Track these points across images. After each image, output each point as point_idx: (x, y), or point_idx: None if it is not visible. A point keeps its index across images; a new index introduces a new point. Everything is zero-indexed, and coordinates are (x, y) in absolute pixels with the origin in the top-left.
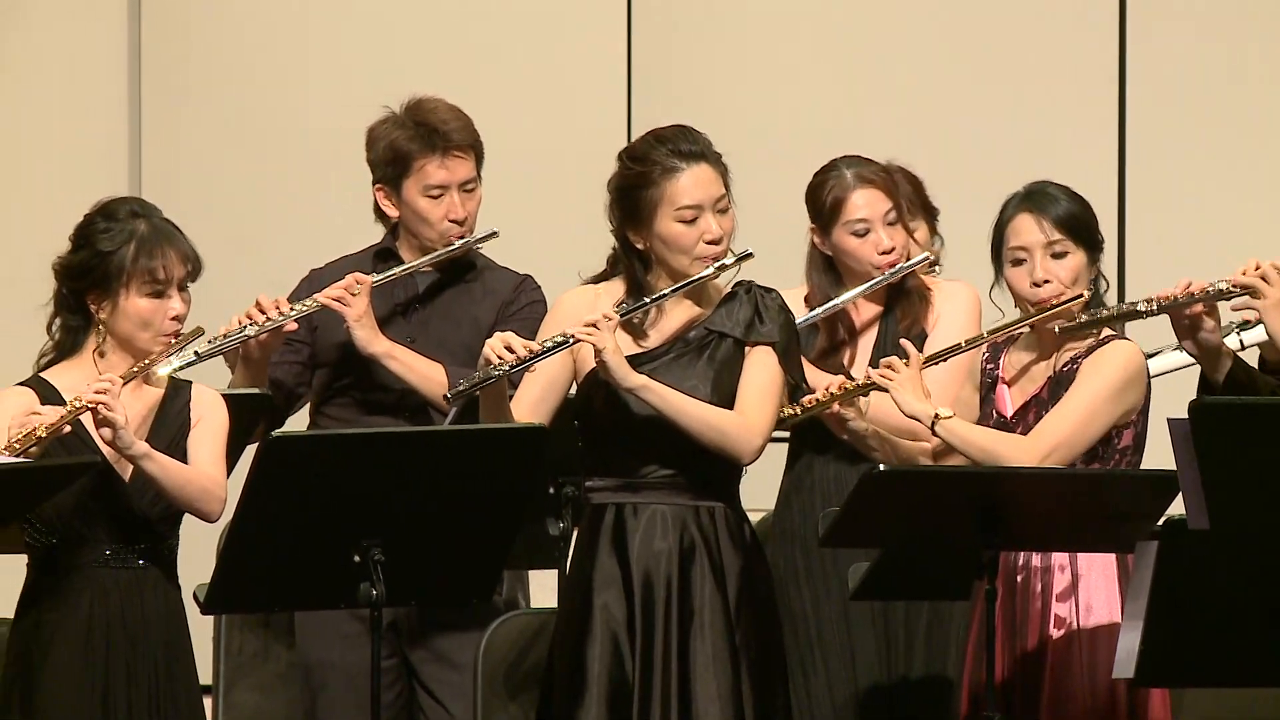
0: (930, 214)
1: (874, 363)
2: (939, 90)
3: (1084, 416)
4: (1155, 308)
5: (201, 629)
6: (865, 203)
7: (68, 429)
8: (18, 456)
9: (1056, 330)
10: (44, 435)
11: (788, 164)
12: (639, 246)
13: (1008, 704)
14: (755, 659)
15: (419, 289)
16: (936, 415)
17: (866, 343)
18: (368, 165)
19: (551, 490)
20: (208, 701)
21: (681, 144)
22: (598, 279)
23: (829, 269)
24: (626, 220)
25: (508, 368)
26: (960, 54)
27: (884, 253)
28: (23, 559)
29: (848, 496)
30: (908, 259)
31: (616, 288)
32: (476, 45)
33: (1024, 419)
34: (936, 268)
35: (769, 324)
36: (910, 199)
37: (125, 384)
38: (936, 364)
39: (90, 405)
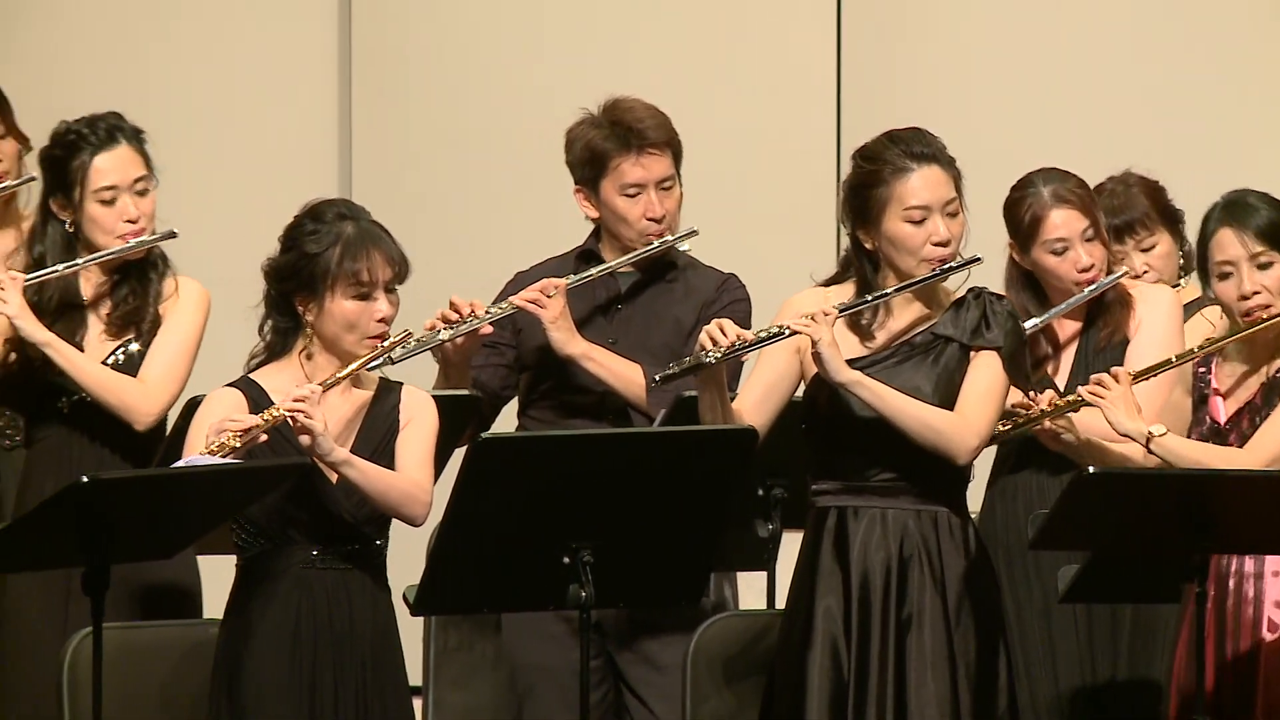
0: (1173, 220)
1: (1076, 374)
2: (1148, 94)
3: None
4: None
5: (411, 630)
6: (1063, 221)
7: (263, 437)
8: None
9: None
10: (238, 445)
11: (1003, 169)
12: (868, 246)
13: (1217, 708)
14: (974, 664)
15: (620, 289)
16: (1150, 434)
17: (1069, 356)
18: (567, 167)
19: (761, 492)
20: (417, 702)
21: (914, 145)
22: (830, 281)
23: (1029, 284)
24: (857, 219)
25: (720, 354)
26: (1169, 57)
27: (1083, 270)
28: (232, 561)
29: (1058, 499)
30: (1108, 273)
31: (847, 290)
32: (686, 46)
33: (1237, 425)
34: (1181, 281)
35: (995, 330)
36: (1147, 213)
37: (327, 390)
38: (1147, 379)
39: (289, 414)
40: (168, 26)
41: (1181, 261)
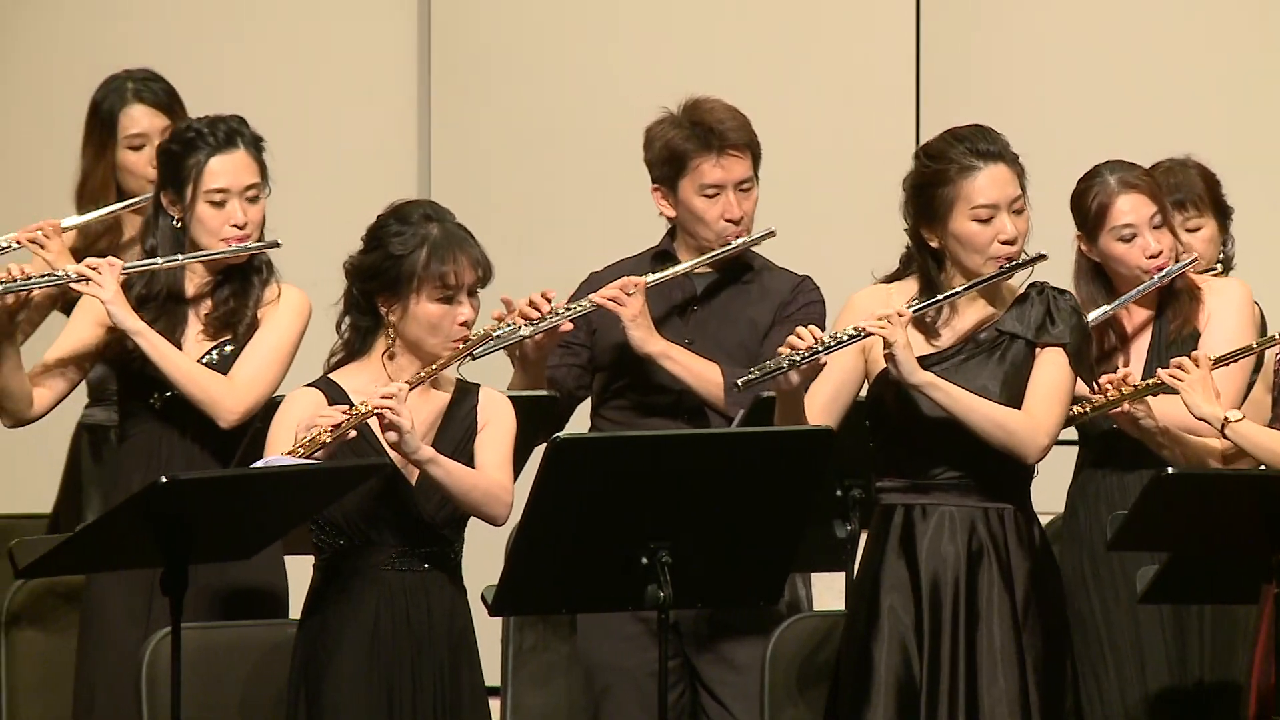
0: (1222, 212)
1: (1150, 365)
2: (1229, 89)
3: None
4: None
5: (489, 631)
6: (1130, 207)
7: (352, 434)
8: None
9: None
10: (328, 440)
11: (1081, 166)
12: (933, 245)
13: None
14: (1042, 661)
15: (696, 290)
16: (1226, 419)
17: (1140, 347)
18: (645, 166)
19: (838, 492)
20: (495, 703)
21: (979, 143)
22: (891, 278)
23: (1097, 276)
24: (921, 218)
25: (798, 358)
26: (1244, 54)
27: (1151, 256)
28: (310, 561)
29: (1136, 500)
30: (1176, 261)
31: (909, 287)
32: (764, 46)
33: None
34: (1216, 266)
35: (1060, 325)
36: (1198, 196)
37: (412, 389)
38: (1227, 365)
39: (376, 410)
40: (248, 27)
41: (1221, 256)
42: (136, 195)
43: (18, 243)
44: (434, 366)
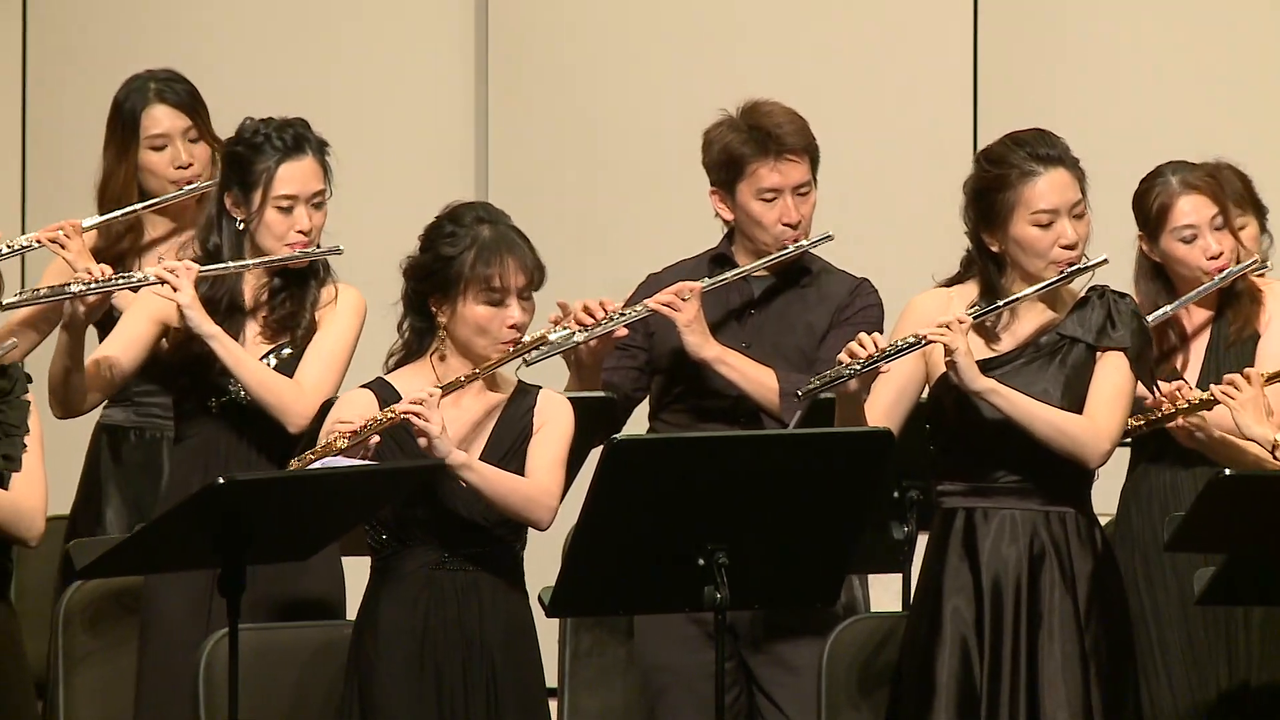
0: (1260, 212)
1: (1207, 368)
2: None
3: None
4: None
5: (547, 632)
6: (1191, 208)
7: (375, 439)
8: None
9: None
10: (345, 445)
11: (1141, 170)
12: (993, 249)
13: None
14: (1105, 664)
15: (754, 293)
16: (1276, 441)
17: (1199, 348)
18: (703, 169)
19: (896, 493)
20: (554, 704)
21: (1040, 147)
22: (950, 282)
23: (1157, 276)
24: (981, 222)
25: (859, 366)
26: None
27: (1212, 258)
28: (367, 563)
29: (1194, 502)
30: (1237, 262)
31: (969, 291)
32: (821, 48)
33: None
34: (1266, 266)
35: (1121, 329)
36: (1240, 195)
37: (447, 393)
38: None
39: (404, 415)
40: (305, 29)
41: (1262, 259)
42: (158, 196)
43: (38, 242)
44: (478, 370)
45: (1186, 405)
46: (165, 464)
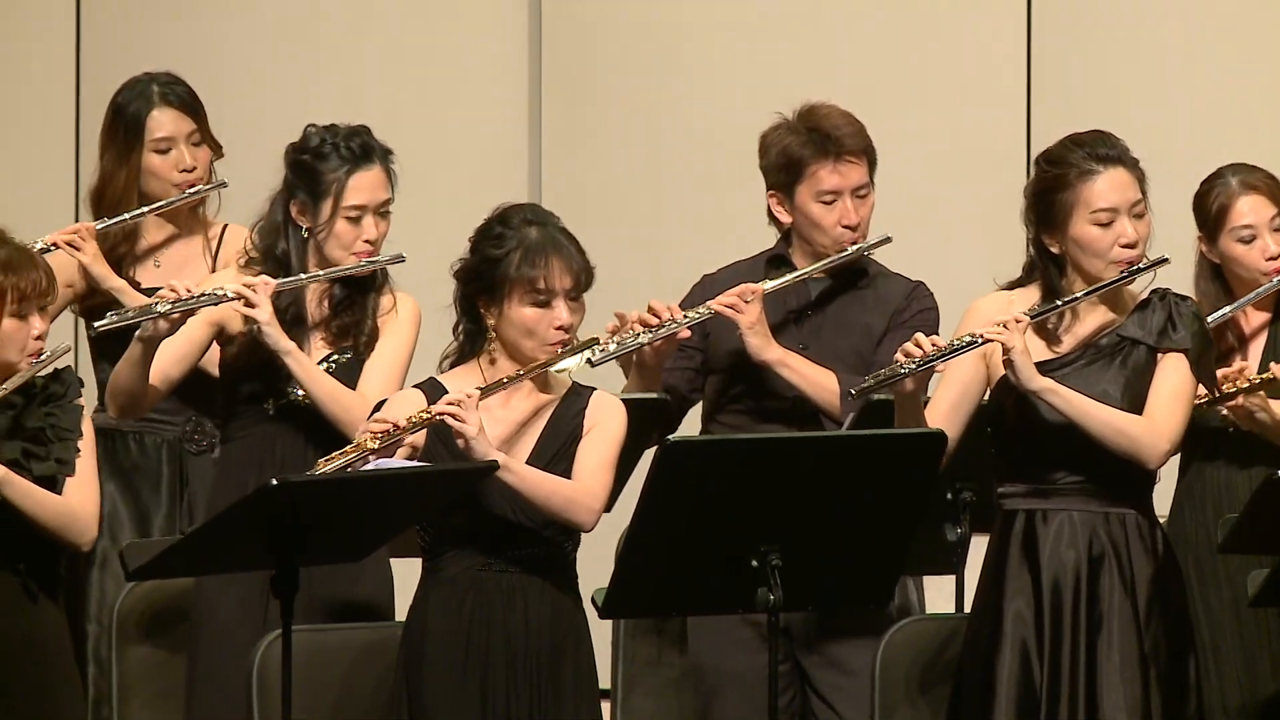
0: None
1: (1264, 369)
2: None
3: None
4: None
5: (601, 634)
6: (1250, 209)
7: (408, 439)
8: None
9: None
10: (375, 447)
11: (1195, 171)
12: (1054, 250)
13: None
14: (1165, 667)
15: (811, 296)
16: None
17: (1257, 348)
18: (760, 171)
19: (949, 495)
20: (606, 706)
21: (1099, 148)
22: (1012, 285)
23: (1217, 277)
24: (1041, 223)
25: (914, 365)
26: None
27: (1271, 258)
28: (419, 564)
29: (1247, 502)
30: None
31: (1031, 294)
32: (875, 50)
33: None
34: None
35: (1182, 331)
36: None
37: (486, 395)
38: None
39: (441, 416)
40: (359, 29)
41: None
42: (159, 199)
43: (55, 245)
44: (520, 371)
45: (1248, 385)
46: (164, 468)
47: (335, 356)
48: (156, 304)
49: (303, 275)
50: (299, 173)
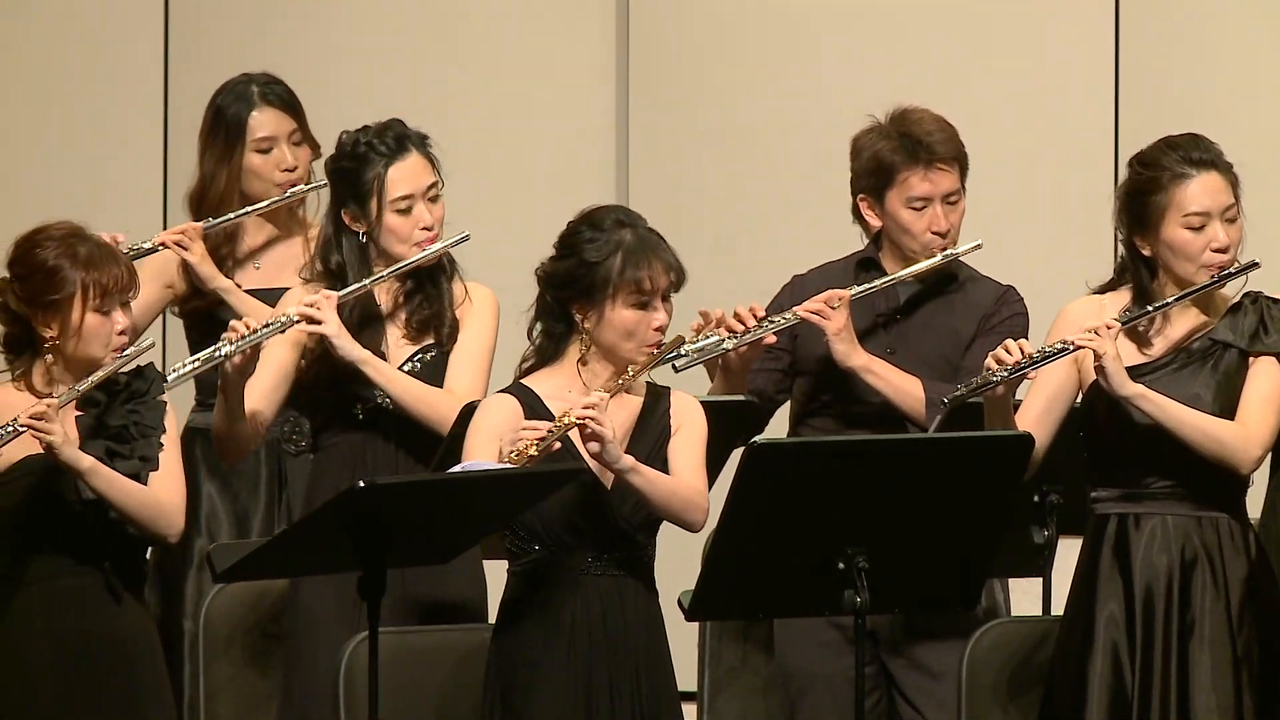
0: None
1: None
2: None
3: None
4: None
5: (683, 637)
6: None
7: (557, 445)
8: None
9: None
10: (535, 454)
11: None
12: (1145, 253)
13: None
14: (1258, 671)
15: (900, 300)
16: None
17: None
18: (850, 174)
19: (1036, 498)
20: (691, 709)
21: (1193, 151)
22: (1104, 288)
23: None
24: (1134, 226)
25: (1006, 372)
26: None
27: None
28: (503, 566)
29: None
30: None
31: (1122, 297)
32: (962, 53)
33: None
34: None
35: (1274, 334)
36: None
37: (611, 397)
38: None
39: (579, 421)
40: (445, 33)
41: None
42: (260, 199)
43: (162, 245)
44: (630, 373)
45: None
46: (263, 468)
47: (420, 355)
48: (222, 346)
49: (365, 280)
50: (341, 180)
